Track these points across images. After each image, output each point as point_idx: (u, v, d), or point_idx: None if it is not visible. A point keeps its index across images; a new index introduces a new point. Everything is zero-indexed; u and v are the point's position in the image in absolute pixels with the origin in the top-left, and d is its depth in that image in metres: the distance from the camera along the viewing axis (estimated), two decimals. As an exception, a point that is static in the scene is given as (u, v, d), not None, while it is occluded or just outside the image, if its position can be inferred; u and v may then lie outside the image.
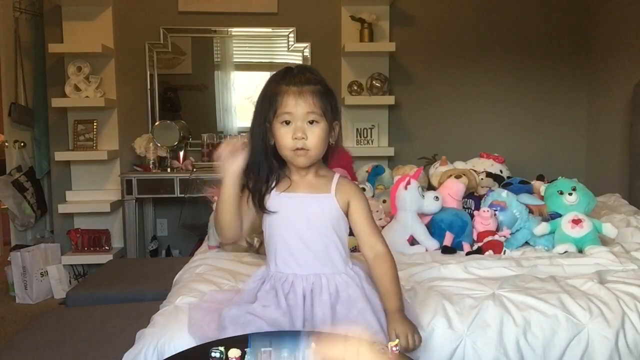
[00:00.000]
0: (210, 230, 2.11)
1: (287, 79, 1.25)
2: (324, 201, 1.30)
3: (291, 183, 1.30)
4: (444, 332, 1.42)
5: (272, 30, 3.68)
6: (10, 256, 3.36)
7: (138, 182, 3.32)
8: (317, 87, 1.25)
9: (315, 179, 1.32)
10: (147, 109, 3.64)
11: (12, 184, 3.52)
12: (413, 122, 3.76)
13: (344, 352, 0.95)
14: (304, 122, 1.24)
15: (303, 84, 1.24)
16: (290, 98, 1.23)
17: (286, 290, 1.27)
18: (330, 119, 1.27)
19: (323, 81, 1.28)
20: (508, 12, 3.73)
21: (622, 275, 1.72)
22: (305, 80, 1.25)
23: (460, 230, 2.10)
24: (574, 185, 2.13)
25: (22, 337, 1.79)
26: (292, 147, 1.24)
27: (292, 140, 1.23)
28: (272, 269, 1.33)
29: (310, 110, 1.23)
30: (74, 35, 3.42)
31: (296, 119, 1.23)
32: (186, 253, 3.59)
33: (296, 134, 1.23)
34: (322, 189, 1.31)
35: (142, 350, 1.34)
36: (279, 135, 1.25)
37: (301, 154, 1.25)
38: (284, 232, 1.30)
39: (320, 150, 1.27)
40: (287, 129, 1.24)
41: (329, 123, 1.27)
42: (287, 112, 1.23)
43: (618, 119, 3.41)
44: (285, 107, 1.23)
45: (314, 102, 1.23)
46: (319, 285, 1.27)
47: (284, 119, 1.24)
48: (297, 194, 1.30)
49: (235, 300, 1.35)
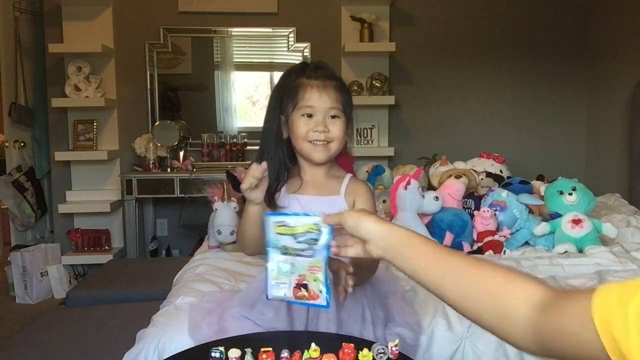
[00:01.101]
0: (210, 230, 2.12)
1: (308, 72, 1.24)
2: (333, 204, 1.27)
3: (302, 184, 1.28)
4: (443, 333, 1.42)
5: (272, 30, 3.69)
6: (10, 256, 3.36)
7: (138, 182, 3.32)
8: (338, 83, 1.25)
9: (326, 180, 1.30)
10: (147, 109, 3.64)
11: (12, 184, 3.53)
12: (413, 122, 3.76)
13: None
14: (326, 116, 1.23)
15: (325, 78, 1.24)
16: (313, 91, 1.22)
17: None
18: (348, 115, 1.26)
19: (341, 78, 1.28)
20: (508, 12, 3.73)
21: (622, 275, 1.72)
22: (327, 75, 1.25)
23: (460, 230, 2.10)
24: (574, 185, 2.13)
25: (22, 337, 1.79)
26: (311, 138, 1.22)
27: (312, 132, 1.22)
28: None
29: (332, 105, 1.22)
30: (74, 35, 3.42)
31: (318, 113, 1.22)
32: (186, 253, 3.59)
33: (317, 127, 1.22)
34: (332, 190, 1.29)
35: (143, 350, 1.34)
36: (297, 126, 1.23)
37: (320, 148, 1.23)
38: None
39: (340, 144, 1.26)
40: (308, 121, 1.23)
41: (347, 120, 1.26)
42: (309, 106, 1.22)
43: (618, 119, 3.41)
44: (308, 100, 1.22)
45: (336, 97, 1.23)
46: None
47: (305, 112, 1.22)
48: (307, 196, 1.27)
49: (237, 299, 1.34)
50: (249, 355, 0.99)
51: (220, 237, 2.06)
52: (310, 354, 0.99)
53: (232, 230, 2.06)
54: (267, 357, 0.98)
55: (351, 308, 1.25)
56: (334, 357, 0.98)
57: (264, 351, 0.99)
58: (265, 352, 0.99)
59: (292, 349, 1.00)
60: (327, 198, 1.28)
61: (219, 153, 3.60)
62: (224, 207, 2.06)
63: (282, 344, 1.02)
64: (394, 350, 1.02)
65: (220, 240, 2.07)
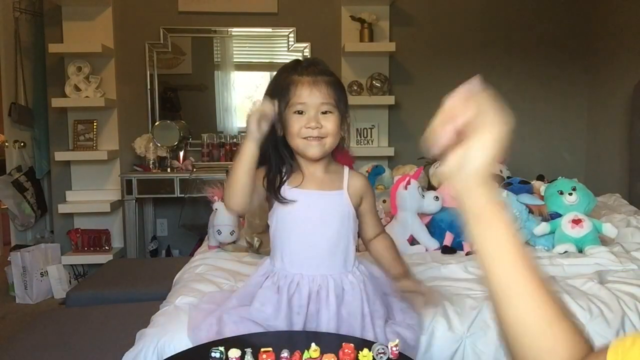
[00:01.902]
0: (210, 230, 2.12)
1: (299, 69, 1.24)
2: (335, 199, 1.28)
3: (303, 179, 1.28)
4: (443, 333, 1.41)
5: (272, 30, 3.68)
6: (10, 256, 3.36)
7: (138, 182, 3.32)
8: (330, 78, 1.25)
9: (326, 175, 1.30)
10: (147, 109, 3.64)
11: (12, 184, 3.53)
12: (413, 122, 3.76)
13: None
14: (318, 112, 1.22)
15: (317, 74, 1.23)
16: (304, 88, 1.22)
17: (291, 291, 1.25)
18: (342, 111, 1.26)
19: (334, 74, 1.27)
20: (508, 12, 3.73)
21: (622, 275, 1.72)
22: (318, 71, 1.24)
23: (460, 230, 2.09)
24: (574, 185, 2.13)
25: (22, 337, 1.79)
26: (304, 135, 1.22)
27: (304, 128, 1.22)
28: (278, 265, 1.30)
29: (324, 100, 1.22)
30: (74, 35, 3.42)
31: (310, 109, 1.22)
32: (186, 253, 3.59)
33: (309, 124, 1.21)
34: (333, 185, 1.29)
35: (142, 350, 1.34)
36: (290, 124, 1.23)
37: (314, 144, 1.23)
38: (292, 229, 1.27)
39: (335, 139, 1.26)
40: (300, 118, 1.22)
41: (341, 115, 1.26)
42: (300, 102, 1.22)
43: (618, 119, 3.41)
44: (299, 97, 1.22)
45: (328, 93, 1.22)
46: (326, 287, 1.25)
47: (297, 109, 1.22)
48: (309, 190, 1.27)
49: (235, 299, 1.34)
50: (249, 355, 0.99)
51: (220, 237, 2.06)
52: (310, 354, 0.99)
53: (232, 230, 2.06)
54: (267, 357, 0.98)
55: (352, 304, 1.26)
56: (334, 357, 0.98)
57: (264, 351, 0.99)
58: (265, 352, 0.99)
59: (292, 349, 1.00)
60: (329, 193, 1.28)
61: (219, 153, 3.60)
62: (224, 207, 2.06)
63: (282, 344, 1.02)
64: (394, 350, 1.02)
65: (220, 240, 2.07)
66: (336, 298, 1.25)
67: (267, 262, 1.34)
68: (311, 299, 1.24)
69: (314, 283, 1.25)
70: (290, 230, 1.28)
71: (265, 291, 1.27)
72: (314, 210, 1.27)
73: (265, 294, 1.26)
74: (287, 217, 1.28)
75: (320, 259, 1.27)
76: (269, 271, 1.31)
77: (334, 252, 1.27)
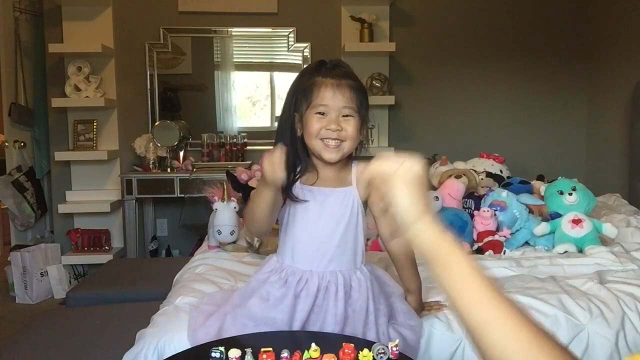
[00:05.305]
0: (210, 230, 2.12)
1: (323, 71, 1.24)
2: (346, 195, 1.28)
3: (318, 177, 1.28)
4: (442, 334, 1.42)
5: (272, 30, 3.68)
6: (10, 256, 3.36)
7: (138, 182, 3.32)
8: (354, 82, 1.25)
9: (339, 173, 1.30)
10: (147, 109, 3.64)
11: (12, 184, 3.53)
12: (413, 122, 3.76)
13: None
14: (339, 115, 1.22)
15: (341, 77, 1.23)
16: (327, 90, 1.21)
17: (300, 287, 1.25)
18: (363, 116, 1.25)
19: (357, 78, 1.27)
20: (508, 12, 3.73)
21: (622, 275, 1.72)
22: (342, 74, 1.24)
23: (460, 230, 2.10)
24: (574, 185, 2.13)
25: (22, 337, 1.79)
26: (323, 135, 1.22)
27: (324, 129, 1.21)
28: (287, 262, 1.29)
29: (346, 104, 1.22)
30: (74, 35, 3.42)
31: (331, 112, 1.22)
32: (186, 253, 3.59)
33: (330, 126, 1.21)
34: (343, 181, 1.29)
35: (142, 350, 1.34)
36: (310, 124, 1.22)
37: (333, 148, 1.23)
38: (304, 226, 1.27)
39: (354, 144, 1.25)
40: (321, 119, 1.22)
41: (362, 120, 1.25)
42: (323, 104, 1.21)
43: (618, 119, 3.41)
44: (322, 99, 1.21)
45: (350, 97, 1.22)
46: (335, 283, 1.25)
47: (318, 110, 1.22)
48: (321, 188, 1.28)
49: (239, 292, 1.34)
50: (249, 355, 0.99)
51: (220, 237, 2.06)
52: (310, 354, 0.99)
53: (232, 230, 2.06)
54: (267, 357, 0.98)
55: (358, 300, 1.26)
56: (334, 357, 0.98)
57: (264, 351, 0.99)
58: (265, 352, 0.99)
59: (292, 349, 1.00)
60: (340, 190, 1.29)
61: (219, 153, 3.60)
62: (224, 207, 2.06)
63: (282, 344, 1.02)
64: (394, 350, 1.02)
65: (220, 240, 2.07)
66: (345, 294, 1.25)
67: (273, 260, 1.34)
68: (319, 295, 1.25)
69: (324, 279, 1.26)
70: (302, 228, 1.28)
71: (269, 285, 1.27)
72: (326, 208, 1.27)
73: (270, 288, 1.27)
74: (299, 215, 1.28)
75: (331, 255, 1.27)
76: (276, 268, 1.31)
77: (343, 248, 1.28)
